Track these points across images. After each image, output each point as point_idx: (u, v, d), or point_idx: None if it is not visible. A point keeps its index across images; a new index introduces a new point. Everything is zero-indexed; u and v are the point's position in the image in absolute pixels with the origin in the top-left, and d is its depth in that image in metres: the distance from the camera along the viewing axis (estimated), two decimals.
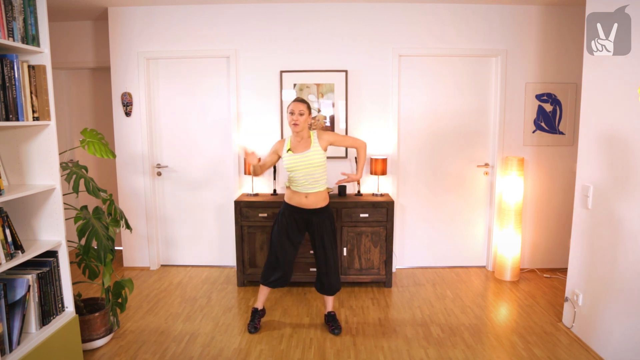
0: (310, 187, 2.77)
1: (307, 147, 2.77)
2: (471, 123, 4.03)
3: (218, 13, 3.86)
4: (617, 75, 2.50)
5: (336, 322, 2.96)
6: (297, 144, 2.81)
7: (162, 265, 4.28)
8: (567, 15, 3.83)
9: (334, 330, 2.91)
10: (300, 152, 2.77)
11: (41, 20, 2.16)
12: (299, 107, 2.75)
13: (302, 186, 2.77)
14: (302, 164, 2.74)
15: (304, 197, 2.79)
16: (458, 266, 4.22)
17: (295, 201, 2.82)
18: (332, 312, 3.01)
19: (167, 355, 2.66)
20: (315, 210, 2.82)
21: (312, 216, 2.83)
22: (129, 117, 4.03)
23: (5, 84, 1.93)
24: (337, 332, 2.90)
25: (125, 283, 2.77)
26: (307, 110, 2.78)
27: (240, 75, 3.94)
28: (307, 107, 2.78)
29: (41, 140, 2.24)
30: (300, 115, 2.73)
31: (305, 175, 2.75)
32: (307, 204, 2.80)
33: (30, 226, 2.30)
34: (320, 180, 2.78)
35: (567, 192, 3.98)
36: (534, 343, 2.78)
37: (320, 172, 2.78)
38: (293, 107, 2.75)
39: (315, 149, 2.76)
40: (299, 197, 2.80)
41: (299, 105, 2.75)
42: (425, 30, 3.86)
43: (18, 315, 2.00)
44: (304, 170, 2.74)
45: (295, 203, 2.82)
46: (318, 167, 2.75)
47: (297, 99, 2.84)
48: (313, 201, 2.79)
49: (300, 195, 2.79)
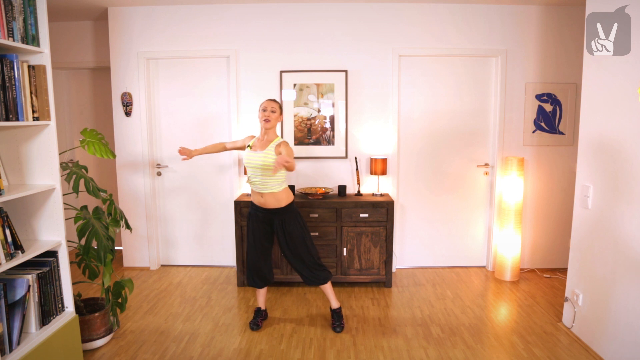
0: (262, 187, 2.79)
1: (263, 148, 2.80)
2: (471, 123, 4.03)
3: (218, 13, 3.86)
4: (617, 75, 2.50)
5: (339, 320, 2.97)
6: (258, 143, 2.85)
7: (162, 265, 4.28)
8: (567, 15, 3.83)
9: (335, 327, 2.92)
10: (256, 150, 2.81)
11: (41, 20, 2.16)
12: (272, 105, 2.83)
13: (255, 185, 2.81)
14: (253, 162, 2.77)
15: (260, 196, 2.82)
16: (458, 266, 4.22)
17: (255, 199, 2.87)
18: (336, 309, 3.01)
19: (167, 355, 2.66)
20: (274, 210, 2.82)
21: (273, 216, 2.84)
22: (129, 117, 4.03)
23: (5, 84, 1.93)
24: (338, 330, 2.91)
25: (125, 283, 2.77)
26: (279, 109, 2.85)
27: (240, 75, 3.94)
28: (279, 107, 2.86)
29: (41, 140, 2.24)
30: (272, 112, 2.81)
31: (254, 175, 2.79)
32: (264, 203, 2.81)
33: (30, 226, 2.30)
34: (269, 183, 2.77)
35: (567, 192, 3.98)
36: (534, 343, 2.78)
37: (270, 176, 2.75)
38: (266, 105, 2.82)
39: (269, 152, 2.76)
40: (256, 196, 2.85)
41: (272, 103, 2.83)
42: (425, 30, 3.86)
43: (18, 315, 2.00)
44: (253, 170, 2.78)
45: (255, 201, 2.87)
46: (267, 171, 2.74)
47: (271, 98, 2.93)
48: (269, 201, 2.80)
49: (257, 194, 2.84)
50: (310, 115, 3.95)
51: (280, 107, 2.87)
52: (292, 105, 3.93)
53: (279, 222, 2.84)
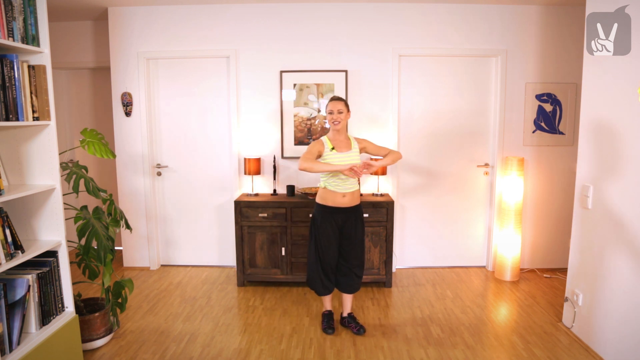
0: (350, 186, 2.80)
1: (348, 147, 2.82)
2: (471, 123, 4.03)
3: (218, 13, 3.86)
4: (617, 75, 2.50)
5: (358, 322, 2.96)
6: (339, 143, 2.82)
7: (162, 265, 4.28)
8: (567, 15, 3.83)
9: (360, 330, 2.90)
10: (344, 151, 2.80)
11: (41, 20, 2.16)
12: (338, 106, 2.77)
13: (341, 186, 2.78)
14: (345, 163, 2.72)
15: (341, 196, 2.79)
16: (458, 266, 4.22)
17: (331, 201, 2.80)
18: (351, 313, 3.01)
19: (167, 355, 2.66)
20: (352, 208, 2.84)
21: (348, 214, 2.84)
22: (129, 117, 4.03)
23: (5, 84, 1.93)
24: (362, 331, 2.89)
25: (125, 283, 2.77)
26: (345, 108, 2.80)
27: (240, 75, 3.94)
28: (345, 105, 2.80)
29: (41, 140, 2.24)
30: (339, 113, 2.77)
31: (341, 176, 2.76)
32: (344, 202, 2.80)
33: (30, 226, 2.30)
34: (354, 182, 2.83)
35: (567, 192, 3.98)
36: (534, 343, 2.78)
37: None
38: (332, 107, 2.77)
39: (355, 150, 2.82)
40: (336, 197, 2.79)
41: (337, 104, 2.78)
42: (425, 30, 3.86)
43: (18, 315, 2.00)
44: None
45: (331, 203, 2.80)
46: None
47: (335, 97, 2.84)
48: (349, 199, 2.81)
49: (338, 195, 2.79)
50: (310, 115, 3.95)
51: (346, 104, 2.80)
52: (292, 105, 3.93)
53: (354, 219, 2.85)
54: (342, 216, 2.83)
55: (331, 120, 2.78)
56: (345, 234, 2.86)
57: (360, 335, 2.88)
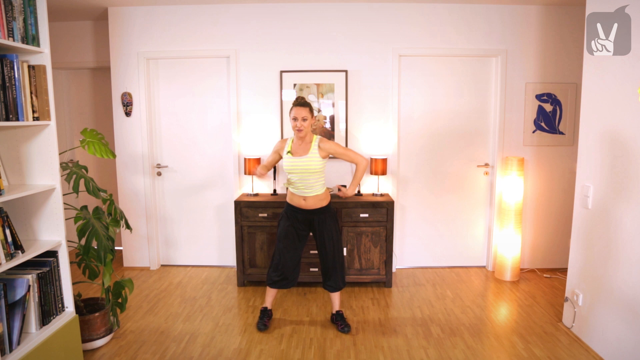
0: (307, 190, 2.79)
1: (305, 152, 2.77)
2: (471, 123, 4.03)
3: (218, 13, 3.86)
4: (617, 75, 2.50)
5: (345, 321, 2.97)
6: (297, 147, 2.82)
7: (162, 265, 4.28)
8: (567, 15, 3.83)
9: (344, 328, 2.92)
10: (299, 156, 2.77)
11: (41, 20, 2.16)
12: (302, 113, 2.72)
13: (299, 189, 2.80)
14: (299, 168, 2.75)
15: (302, 199, 2.81)
16: (458, 266, 4.22)
17: (295, 202, 2.85)
18: (339, 311, 3.02)
19: (167, 355, 2.66)
20: (315, 210, 2.83)
21: (313, 216, 2.85)
22: (129, 117, 4.03)
23: (5, 84, 1.93)
24: (347, 329, 2.91)
25: (125, 283, 2.77)
26: (309, 114, 2.76)
27: (240, 75, 3.94)
28: (309, 111, 2.76)
29: (41, 140, 2.24)
30: (303, 121, 2.72)
31: (300, 180, 2.77)
32: (306, 205, 2.82)
33: (30, 226, 2.30)
34: (314, 186, 2.79)
35: (567, 192, 3.98)
36: (534, 343, 2.78)
37: (315, 179, 2.78)
38: (296, 113, 2.73)
39: (313, 155, 2.75)
40: (298, 199, 2.83)
41: (302, 111, 2.72)
42: (425, 30, 3.86)
43: (18, 315, 2.00)
44: (299, 175, 2.76)
45: (296, 204, 2.85)
46: (313, 174, 2.75)
47: (299, 102, 2.78)
48: (312, 203, 2.81)
49: (299, 197, 2.82)
50: None
51: (310, 110, 2.77)
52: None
53: (319, 221, 2.85)
54: (306, 218, 2.85)
55: (294, 127, 2.75)
56: (315, 236, 2.91)
57: (344, 333, 2.90)
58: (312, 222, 2.87)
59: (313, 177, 2.76)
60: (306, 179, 2.75)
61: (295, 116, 2.73)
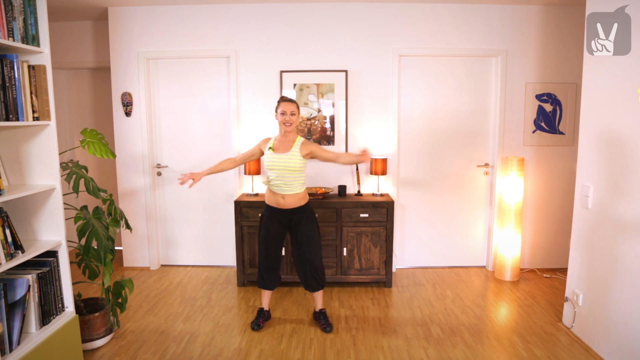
0: (286, 188, 2.79)
1: (287, 150, 2.78)
2: (471, 123, 4.03)
3: (218, 13, 3.86)
4: (617, 75, 2.50)
5: (327, 320, 2.98)
6: (279, 145, 2.83)
7: (162, 265, 4.28)
8: (567, 15, 3.83)
9: (326, 328, 2.93)
10: (280, 152, 2.79)
11: (41, 20, 2.16)
12: (291, 108, 2.77)
13: (278, 187, 2.80)
14: (278, 165, 2.76)
15: (280, 197, 2.82)
16: (458, 266, 4.22)
17: (273, 202, 2.85)
18: (322, 309, 3.02)
19: (167, 355, 2.66)
20: (294, 209, 2.84)
21: (291, 215, 2.86)
22: (129, 117, 4.03)
23: (5, 84, 1.93)
24: (328, 329, 2.92)
25: (125, 283, 2.77)
26: (297, 110, 2.81)
27: (240, 75, 3.94)
28: (297, 107, 2.81)
29: (41, 140, 2.24)
30: (292, 115, 2.76)
31: (279, 177, 2.77)
32: (284, 204, 2.82)
33: (30, 226, 2.30)
34: (293, 184, 2.79)
35: (567, 192, 3.98)
36: (534, 343, 2.78)
37: (295, 177, 2.78)
38: (285, 108, 2.77)
39: (294, 153, 2.76)
40: (277, 198, 2.83)
41: (291, 106, 2.78)
42: (425, 30, 3.86)
43: (18, 315, 2.00)
44: (278, 172, 2.76)
45: (273, 204, 2.85)
46: (293, 172, 2.76)
47: (286, 98, 2.84)
48: (290, 202, 2.81)
49: (278, 196, 2.82)
50: (310, 115, 3.95)
51: (298, 106, 2.83)
52: None
53: (297, 220, 2.85)
54: (284, 217, 2.86)
55: (283, 122, 2.76)
56: (292, 235, 2.92)
57: (326, 333, 2.91)
58: (291, 222, 2.87)
59: (292, 175, 2.76)
60: (285, 176, 2.76)
61: (284, 110, 2.76)
